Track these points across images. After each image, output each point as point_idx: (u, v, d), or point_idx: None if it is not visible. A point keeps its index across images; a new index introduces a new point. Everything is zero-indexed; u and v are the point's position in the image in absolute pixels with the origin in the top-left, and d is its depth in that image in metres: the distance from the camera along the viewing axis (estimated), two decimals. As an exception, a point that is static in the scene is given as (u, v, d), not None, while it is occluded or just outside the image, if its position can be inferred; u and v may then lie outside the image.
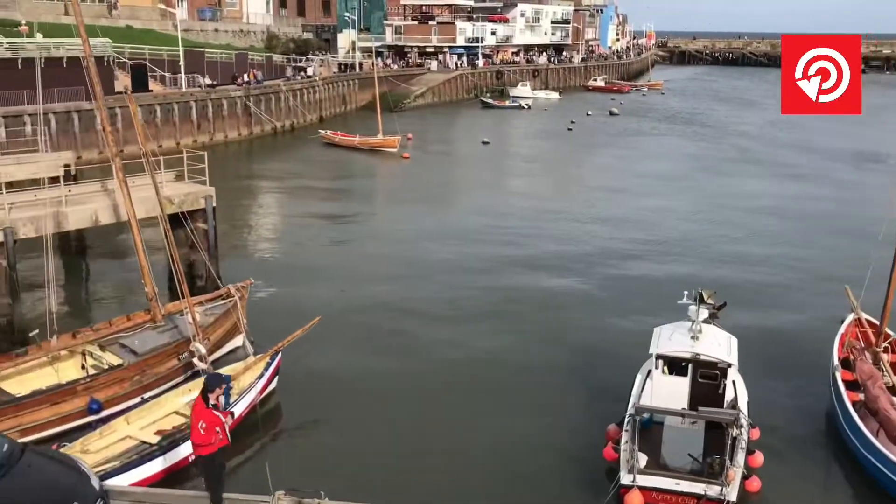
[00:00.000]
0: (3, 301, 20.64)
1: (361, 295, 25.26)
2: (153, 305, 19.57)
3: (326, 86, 72.77)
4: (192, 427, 11.55)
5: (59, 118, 45.41)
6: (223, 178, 34.07)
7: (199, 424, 11.39)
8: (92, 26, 60.97)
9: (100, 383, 16.90)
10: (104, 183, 24.26)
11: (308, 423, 17.47)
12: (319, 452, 16.15)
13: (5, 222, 20.35)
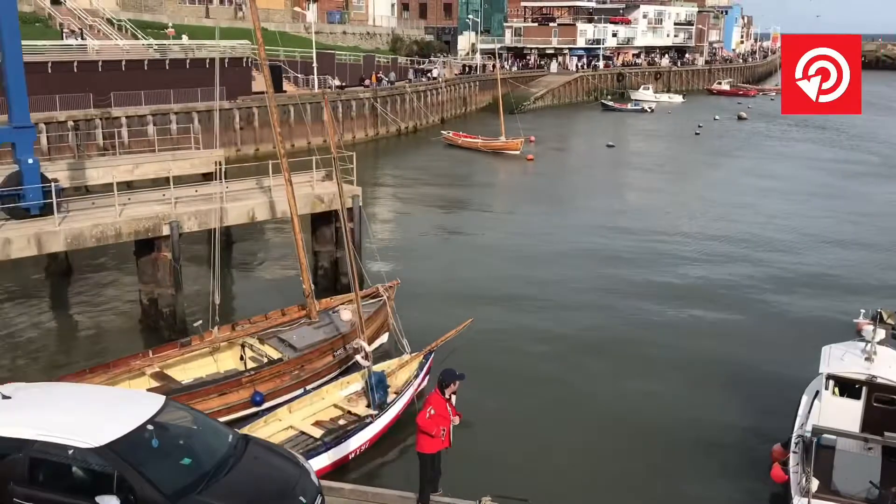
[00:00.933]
0: (167, 292, 21.62)
1: (503, 297, 25.16)
2: (309, 302, 20.04)
3: (448, 87, 73.30)
4: (421, 410, 11.64)
5: (202, 117, 47.41)
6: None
7: (428, 409, 11.50)
8: (229, 28, 63.72)
9: (262, 376, 17.41)
10: (259, 180, 25.10)
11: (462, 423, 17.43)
12: (479, 453, 16.13)
13: (171, 216, 21.30)
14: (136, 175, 28.22)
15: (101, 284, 26.35)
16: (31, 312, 24.06)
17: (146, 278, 22.03)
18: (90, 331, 22.83)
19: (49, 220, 19.81)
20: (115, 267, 27.46)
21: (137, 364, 17.79)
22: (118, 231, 20.47)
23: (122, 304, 24.43)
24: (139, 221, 20.81)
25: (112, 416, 7.84)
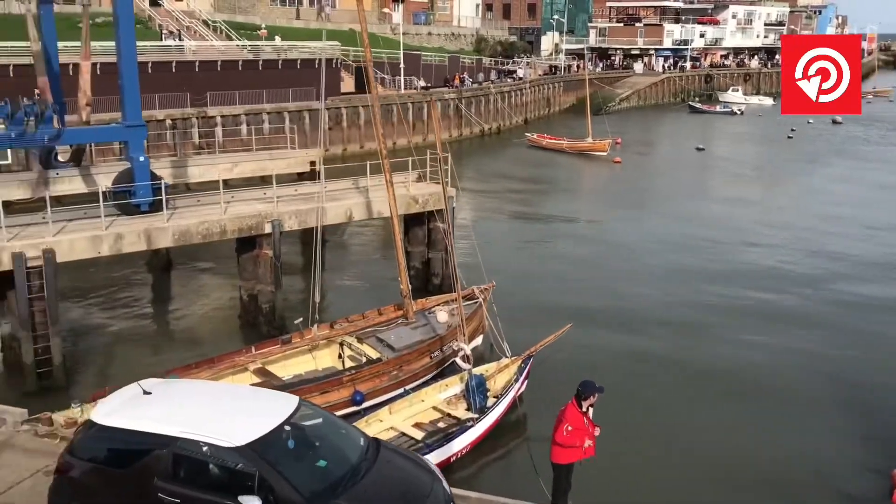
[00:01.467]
0: (266, 289, 22.00)
1: (597, 305, 24.71)
2: (407, 302, 20.08)
3: (532, 88, 72.84)
4: (558, 426, 11.30)
5: (293, 117, 48.31)
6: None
7: (564, 426, 11.17)
8: (318, 30, 64.73)
9: (362, 376, 17.50)
10: (355, 180, 25.31)
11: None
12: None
13: (273, 215, 21.67)
14: (234, 174, 28.82)
15: (200, 279, 27.05)
16: (135, 306, 24.86)
17: (247, 275, 22.47)
18: (192, 325, 23.44)
19: (158, 217, 20.41)
20: (213, 262, 28.12)
21: (241, 360, 18.13)
22: (223, 228, 20.93)
23: (222, 299, 24.98)
24: (243, 219, 21.23)
25: (251, 416, 7.91)
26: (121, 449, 7.72)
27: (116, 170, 26.19)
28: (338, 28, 66.64)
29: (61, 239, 18.61)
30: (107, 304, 24.49)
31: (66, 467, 7.79)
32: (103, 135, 23.85)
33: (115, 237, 19.33)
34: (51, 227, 18.72)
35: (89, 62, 22.25)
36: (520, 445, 16.47)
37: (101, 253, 19.41)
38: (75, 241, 18.78)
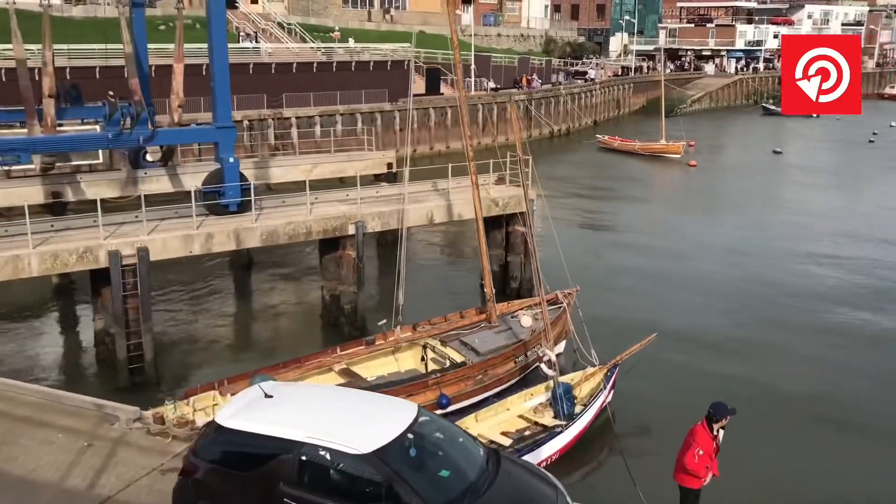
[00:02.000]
0: (349, 289, 22.15)
1: (682, 314, 24.16)
2: (490, 306, 19.94)
3: (602, 90, 71.97)
4: (688, 449, 10.73)
5: (365, 118, 48.72)
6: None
7: (696, 450, 10.58)
8: (389, 32, 65.11)
9: (448, 379, 17.43)
10: (435, 182, 25.30)
11: (649, 442, 16.82)
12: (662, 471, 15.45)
13: (357, 216, 21.79)
14: (314, 175, 29.12)
15: (280, 278, 27.40)
16: (218, 304, 25.32)
17: (329, 275, 22.67)
18: (274, 323, 23.75)
19: (246, 218, 20.73)
20: (292, 261, 28.51)
21: (326, 360, 18.26)
22: (308, 229, 21.14)
23: (303, 298, 25.26)
24: (327, 221, 21.41)
25: (374, 422, 7.86)
26: (246, 452, 7.76)
27: (200, 170, 26.84)
28: (407, 30, 67.00)
29: (155, 238, 19.04)
30: (190, 301, 25.00)
31: (191, 468, 7.88)
32: (195, 136, 24.40)
33: (205, 237, 19.70)
34: (145, 225, 19.17)
35: (182, 64, 22.75)
36: (610, 454, 16.18)
37: (193, 252, 19.81)
38: (168, 240, 19.20)
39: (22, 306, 24.00)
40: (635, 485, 12.44)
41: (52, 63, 19.74)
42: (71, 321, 23.52)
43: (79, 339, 21.99)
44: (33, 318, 23.69)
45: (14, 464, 9.21)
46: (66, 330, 23.06)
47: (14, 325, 23.14)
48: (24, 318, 23.58)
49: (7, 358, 20.75)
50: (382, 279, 26.69)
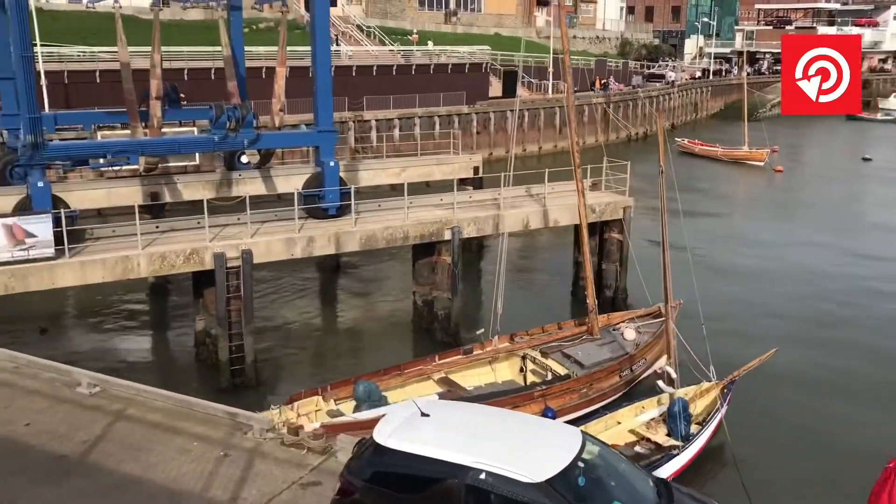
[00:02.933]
0: (443, 295, 21.88)
1: (797, 329, 23.19)
2: (592, 318, 19.41)
3: (680, 93, 70.47)
4: (886, 488, 9.78)
5: (443, 121, 48.56)
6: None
7: None
8: (465, 34, 64.87)
9: (553, 392, 16.98)
10: (528, 188, 24.86)
11: (768, 465, 16.07)
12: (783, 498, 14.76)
13: (453, 221, 21.51)
14: (402, 178, 28.96)
15: (369, 282, 27.33)
16: (310, 306, 25.39)
17: (422, 280, 22.45)
18: (366, 327, 23.64)
19: (346, 221, 20.64)
20: (378, 265, 28.41)
21: (426, 369, 18.02)
22: (405, 234, 20.96)
23: (393, 302, 25.11)
24: (424, 225, 21.18)
25: (542, 449, 7.51)
26: (408, 474, 7.46)
27: (292, 172, 26.96)
28: (483, 32, 66.76)
29: (258, 240, 19.08)
30: (283, 303, 25.08)
31: (349, 488, 7.64)
32: (296, 140, 24.48)
33: (307, 240, 19.67)
34: (249, 228, 19.22)
35: (284, 68, 22.87)
36: (727, 478, 15.47)
37: (294, 255, 19.81)
38: (271, 243, 19.22)
39: (118, 305, 24.42)
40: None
41: (160, 65, 19.97)
42: (168, 321, 23.82)
43: (178, 339, 22.21)
44: (130, 317, 24.09)
45: (155, 472, 9.14)
46: (164, 330, 23.35)
47: (111, 323, 23.56)
48: (121, 317, 24.00)
49: (106, 357, 21.10)
50: (473, 286, 26.40)
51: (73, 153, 18.81)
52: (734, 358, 18.53)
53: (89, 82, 37.89)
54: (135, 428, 10.16)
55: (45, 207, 17.17)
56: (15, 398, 10.85)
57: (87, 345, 21.88)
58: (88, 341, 22.14)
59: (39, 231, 16.50)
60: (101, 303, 24.22)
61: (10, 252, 16.35)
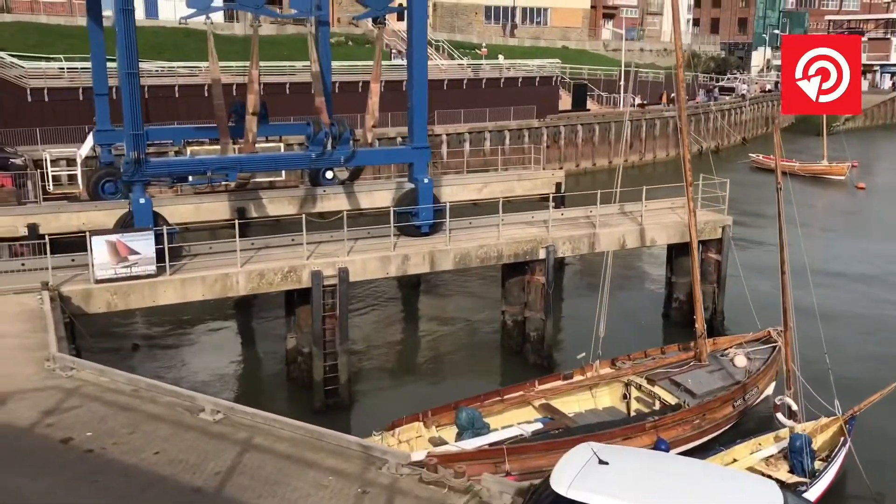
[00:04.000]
0: (536, 316, 21.22)
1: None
2: (701, 343, 18.54)
3: (752, 106, 68.75)
4: None
5: (512, 135, 48.00)
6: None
7: None
8: (532, 47, 64.30)
9: (665, 423, 16.16)
10: (621, 206, 24.06)
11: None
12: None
13: (547, 240, 20.88)
14: (483, 194, 28.53)
15: (452, 300, 26.80)
16: (395, 324, 24.99)
17: (512, 300, 21.84)
18: (454, 346, 23.08)
19: (439, 239, 20.17)
20: (460, 283, 27.88)
21: (528, 395, 17.38)
22: (500, 253, 20.39)
23: (481, 321, 24.51)
24: (518, 244, 20.59)
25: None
26: (594, 528, 6.88)
27: (375, 188, 26.70)
28: (550, 45, 66.15)
29: (355, 258, 18.72)
30: (368, 321, 24.69)
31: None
32: (391, 156, 24.26)
33: (402, 258, 19.25)
34: (345, 245, 18.87)
35: (378, 84, 22.57)
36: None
37: (389, 274, 19.44)
38: (367, 261, 18.85)
39: (204, 321, 24.33)
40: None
41: (257, 81, 19.84)
42: (255, 337, 23.65)
43: (267, 356, 22.00)
44: (216, 332, 23.99)
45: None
46: (252, 346, 23.19)
47: (198, 338, 23.49)
48: (207, 332, 23.92)
49: (195, 373, 20.98)
50: (561, 306, 25.65)
51: (174, 170, 18.76)
52: (853, 386, 17.51)
53: (167, 97, 38.32)
54: (265, 459, 9.74)
55: (146, 224, 17.07)
56: (139, 424, 10.55)
57: (176, 361, 21.80)
58: (177, 357, 22.06)
59: (142, 248, 16.39)
60: (186, 317, 24.16)
61: (114, 269, 16.26)
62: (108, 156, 23.85)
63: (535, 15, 69.59)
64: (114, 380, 11.74)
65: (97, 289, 16.20)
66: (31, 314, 14.46)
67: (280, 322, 23.02)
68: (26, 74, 35.34)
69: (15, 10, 45.36)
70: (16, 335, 13.42)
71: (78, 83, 36.38)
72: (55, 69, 37.16)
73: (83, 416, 10.70)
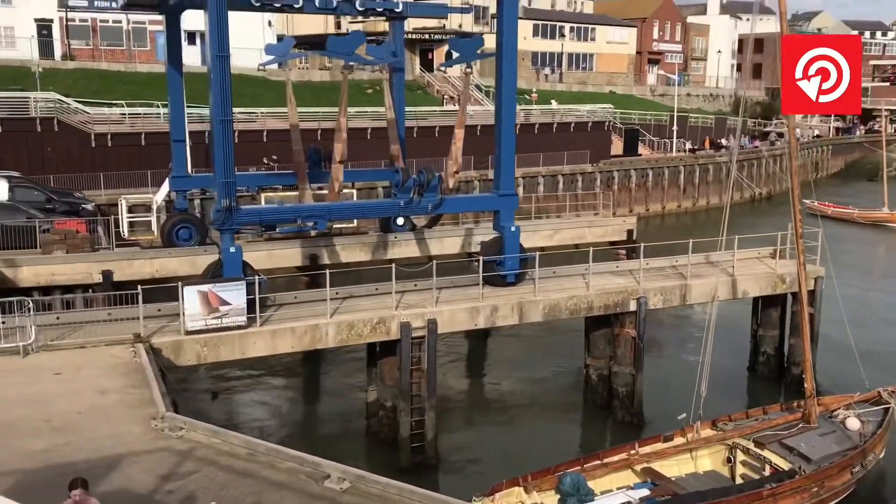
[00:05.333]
0: (625, 371, 20.35)
1: None
2: (810, 404, 17.48)
3: (802, 151, 67.70)
4: None
5: (566, 180, 47.51)
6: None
7: None
8: (580, 92, 64.12)
9: (784, 490, 15.12)
10: (707, 255, 23.23)
11: None
12: None
13: (638, 291, 20.10)
14: (554, 241, 27.89)
15: (525, 348, 25.95)
16: (468, 378, 24.22)
17: (598, 353, 21.02)
18: (536, 404, 22.07)
19: (527, 290, 19.48)
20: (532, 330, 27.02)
21: (630, 459, 16.44)
22: (590, 304, 19.64)
23: (559, 374, 23.68)
24: (609, 295, 19.82)
25: None
26: None
27: (446, 234, 26.17)
28: (598, 90, 65.97)
29: (442, 309, 18.07)
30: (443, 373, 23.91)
31: None
32: (477, 204, 23.74)
33: (490, 309, 18.57)
34: (434, 295, 18.22)
35: (462, 130, 22.15)
36: None
37: (477, 325, 18.75)
38: (455, 312, 18.19)
39: (278, 369, 23.73)
40: None
41: (345, 129, 19.50)
42: (331, 388, 22.94)
43: (345, 409, 21.27)
44: (291, 380, 23.38)
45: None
46: (329, 397, 22.47)
47: (272, 387, 22.90)
48: (282, 380, 23.31)
49: (274, 424, 20.35)
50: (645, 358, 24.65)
51: (265, 218, 18.36)
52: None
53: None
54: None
55: (237, 273, 16.60)
56: (262, 491, 9.88)
57: (252, 411, 21.23)
58: (254, 407, 21.47)
59: (234, 298, 15.89)
60: (255, 366, 23.58)
61: (205, 320, 15.75)
62: (182, 202, 23.62)
63: (581, 60, 69.64)
64: (228, 441, 11.11)
65: (187, 340, 15.69)
66: (127, 368, 13.95)
67: (354, 372, 22.43)
68: (91, 120, 35.58)
69: (78, 58, 46.07)
70: (116, 391, 12.88)
71: (139, 128, 36.62)
72: (117, 114, 37.44)
73: (202, 482, 10.08)
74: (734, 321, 27.82)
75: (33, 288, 21.05)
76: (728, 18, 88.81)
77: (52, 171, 32.80)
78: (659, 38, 77.27)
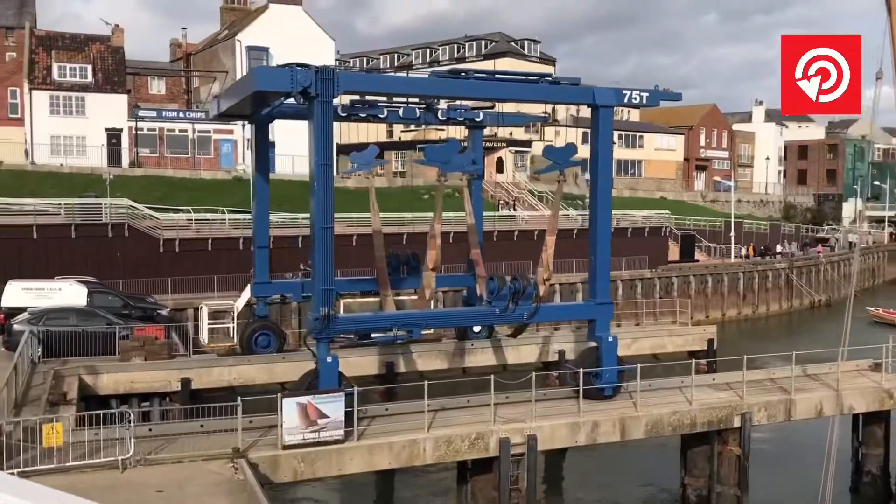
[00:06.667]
0: (729, 492, 19.06)
1: None
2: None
3: (860, 257, 66.49)
4: None
5: (625, 286, 46.82)
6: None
7: None
8: (630, 198, 64.10)
9: None
10: (804, 367, 22.16)
11: None
12: None
13: (742, 406, 19.06)
14: (632, 350, 26.97)
15: (602, 464, 24.65)
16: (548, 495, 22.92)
17: (697, 472, 19.78)
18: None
19: (627, 404, 18.57)
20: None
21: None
22: (693, 420, 18.63)
23: (649, 493, 22.30)
24: (713, 410, 18.81)
25: None
26: None
27: (520, 343, 25.45)
28: (648, 196, 66.04)
29: (542, 424, 17.20)
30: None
31: None
32: (572, 312, 23.17)
33: (591, 425, 17.66)
34: (534, 409, 17.37)
35: (554, 237, 21.85)
36: None
37: (578, 442, 17.78)
38: (556, 428, 17.30)
39: (352, 487, 22.69)
40: None
41: (439, 236, 19.28)
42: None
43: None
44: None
45: None
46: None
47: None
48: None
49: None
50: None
51: (362, 326, 17.92)
52: None
53: (291, 247, 38.56)
54: None
55: (333, 384, 16.03)
56: None
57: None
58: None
59: (332, 411, 15.26)
60: (332, 481, 22.57)
61: (302, 434, 15.09)
62: (262, 308, 23.36)
63: (629, 167, 70.12)
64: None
65: (284, 455, 14.98)
66: (230, 486, 13.23)
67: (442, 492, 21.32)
68: (160, 225, 36.06)
69: (144, 165, 47.35)
70: (224, 513, 12.15)
71: (206, 234, 36.99)
72: (184, 220, 37.96)
73: None
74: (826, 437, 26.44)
75: (111, 396, 20.67)
76: (773, 126, 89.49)
77: (120, 275, 33.01)
78: (706, 144, 77.83)
